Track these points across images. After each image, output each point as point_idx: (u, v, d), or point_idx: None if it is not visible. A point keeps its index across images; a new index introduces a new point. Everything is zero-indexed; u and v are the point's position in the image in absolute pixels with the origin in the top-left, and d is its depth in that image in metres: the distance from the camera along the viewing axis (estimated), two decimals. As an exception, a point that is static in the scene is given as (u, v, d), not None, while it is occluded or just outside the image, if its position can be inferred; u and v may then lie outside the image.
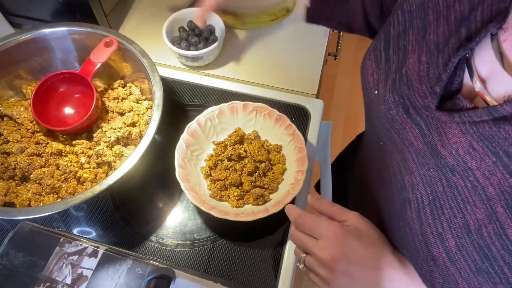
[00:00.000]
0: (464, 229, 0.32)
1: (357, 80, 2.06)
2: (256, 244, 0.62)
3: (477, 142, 0.32)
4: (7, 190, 0.60)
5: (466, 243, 0.32)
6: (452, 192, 0.34)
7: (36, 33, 0.68)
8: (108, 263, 0.47)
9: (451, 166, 0.34)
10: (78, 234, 0.63)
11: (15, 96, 0.71)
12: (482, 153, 0.32)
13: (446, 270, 0.34)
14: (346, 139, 1.89)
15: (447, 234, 0.34)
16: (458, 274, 0.33)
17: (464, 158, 0.33)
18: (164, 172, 0.67)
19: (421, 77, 0.38)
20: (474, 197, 0.32)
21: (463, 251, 0.32)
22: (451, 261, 0.33)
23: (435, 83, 0.36)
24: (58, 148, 0.65)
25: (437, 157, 0.35)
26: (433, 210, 0.35)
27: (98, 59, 0.67)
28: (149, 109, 0.70)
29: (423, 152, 0.37)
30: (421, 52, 0.39)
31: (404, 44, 0.41)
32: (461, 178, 0.33)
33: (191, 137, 0.65)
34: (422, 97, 0.37)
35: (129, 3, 0.93)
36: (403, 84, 0.40)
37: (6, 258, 0.47)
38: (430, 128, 0.36)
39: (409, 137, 0.39)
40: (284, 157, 0.66)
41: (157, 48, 0.84)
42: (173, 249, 0.61)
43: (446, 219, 0.34)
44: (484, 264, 0.31)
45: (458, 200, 0.33)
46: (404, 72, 0.40)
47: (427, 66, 0.38)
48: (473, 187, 0.32)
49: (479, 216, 0.32)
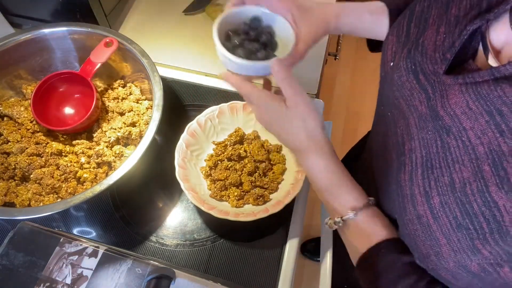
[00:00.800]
0: (449, 187, 0.34)
1: (357, 80, 2.07)
2: (256, 244, 0.62)
3: (473, 102, 0.33)
4: (7, 190, 0.60)
5: (450, 200, 0.33)
6: (444, 152, 0.35)
7: (36, 33, 0.68)
8: (108, 263, 0.47)
9: (447, 127, 0.35)
10: (78, 234, 0.63)
11: (15, 96, 0.71)
12: (477, 113, 0.33)
13: (429, 227, 0.35)
14: (346, 139, 1.89)
15: (433, 192, 0.35)
16: (440, 230, 0.34)
17: (460, 118, 0.34)
18: (164, 172, 0.67)
19: (437, 46, 0.39)
20: (463, 157, 0.33)
21: (446, 207, 0.34)
22: (434, 218, 0.34)
23: (448, 50, 0.37)
24: (58, 148, 0.65)
25: (436, 119, 0.36)
26: (424, 170, 0.36)
27: (98, 59, 0.67)
28: (149, 109, 0.70)
29: (425, 115, 0.38)
30: (441, 24, 0.40)
31: (426, 18, 0.42)
32: (454, 138, 0.34)
33: (191, 137, 0.65)
34: (433, 64, 0.38)
35: (129, 3, 0.93)
36: (417, 53, 0.41)
37: (6, 258, 0.47)
38: (435, 92, 0.37)
39: (415, 103, 0.40)
40: (284, 157, 0.66)
41: (157, 48, 0.84)
42: (173, 249, 0.61)
43: (434, 177, 0.35)
44: (464, 221, 0.32)
45: (448, 160, 0.34)
46: (421, 41, 0.41)
47: (444, 36, 0.39)
48: (464, 147, 0.33)
49: (465, 174, 0.33)
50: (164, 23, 0.89)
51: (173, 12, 0.91)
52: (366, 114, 1.95)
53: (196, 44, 0.86)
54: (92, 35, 0.69)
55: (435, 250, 0.35)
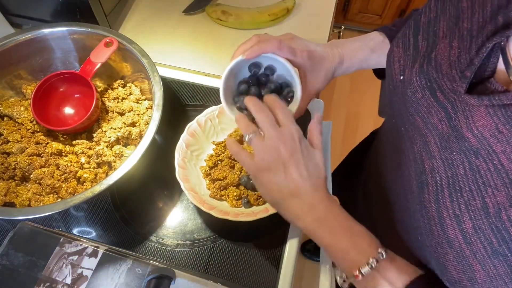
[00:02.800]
0: (482, 211, 0.32)
1: (357, 80, 2.07)
2: (256, 244, 0.62)
3: (503, 125, 0.32)
4: (7, 190, 0.60)
5: (484, 225, 0.32)
6: (474, 175, 0.34)
7: (36, 33, 0.68)
8: (108, 263, 0.47)
9: (475, 149, 0.34)
10: (78, 234, 0.63)
11: (15, 96, 0.71)
12: (508, 136, 0.32)
13: (461, 252, 0.34)
14: (346, 139, 1.89)
15: (464, 216, 0.34)
16: (473, 256, 0.33)
17: (489, 141, 0.33)
18: (164, 172, 0.66)
19: (451, 62, 0.38)
20: (496, 180, 0.32)
21: (480, 233, 0.32)
22: (466, 243, 0.33)
23: (466, 67, 0.36)
24: (58, 148, 0.65)
25: (461, 140, 0.35)
26: (452, 192, 0.35)
27: (98, 59, 0.67)
28: (149, 109, 0.70)
29: (447, 135, 0.37)
30: (453, 37, 0.39)
31: (435, 30, 0.41)
32: (484, 161, 0.33)
33: (191, 137, 0.65)
34: (451, 81, 0.37)
35: (129, 3, 0.93)
36: (431, 68, 0.40)
37: (6, 258, 0.47)
38: (457, 111, 0.36)
39: (434, 121, 0.39)
40: None
41: (157, 48, 0.84)
42: (173, 249, 0.61)
43: (465, 201, 0.34)
44: (501, 247, 0.31)
45: (479, 183, 0.33)
46: (433, 56, 0.40)
47: (458, 51, 0.38)
48: (496, 170, 0.32)
49: (499, 199, 0.32)
50: (164, 23, 0.89)
51: (173, 12, 0.91)
52: (366, 115, 1.95)
53: (196, 44, 0.86)
54: (92, 35, 0.69)
55: (468, 276, 0.33)
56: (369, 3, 1.99)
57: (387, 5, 1.96)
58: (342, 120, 1.95)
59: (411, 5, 1.92)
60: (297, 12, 0.91)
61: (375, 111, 1.93)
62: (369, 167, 0.70)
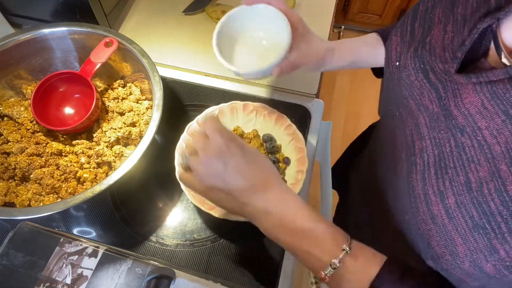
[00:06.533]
0: (465, 187, 0.33)
1: (357, 80, 2.07)
2: (256, 244, 0.62)
3: (489, 101, 0.33)
4: (7, 190, 0.60)
5: (466, 200, 0.33)
6: (459, 152, 0.34)
7: (36, 33, 0.68)
8: (108, 263, 0.47)
9: (461, 127, 0.34)
10: (78, 234, 0.63)
11: (15, 96, 0.71)
12: (493, 112, 0.32)
13: (444, 227, 0.34)
14: (346, 139, 1.89)
15: (448, 192, 0.34)
16: (455, 230, 0.34)
17: (474, 117, 0.33)
18: (164, 172, 0.66)
19: (445, 45, 0.39)
20: (479, 156, 0.33)
21: (462, 207, 0.33)
22: (449, 218, 0.34)
23: (458, 49, 0.37)
24: (58, 148, 0.65)
25: (449, 119, 0.36)
26: (437, 170, 0.36)
27: (98, 59, 0.67)
28: (149, 109, 0.70)
29: (437, 115, 0.37)
30: (448, 22, 0.39)
31: (431, 17, 0.42)
32: (469, 138, 0.34)
33: (191, 137, 0.65)
34: (443, 63, 0.38)
35: (129, 3, 0.93)
36: (425, 51, 0.40)
37: (6, 258, 0.47)
38: (447, 91, 0.37)
39: (425, 102, 0.39)
40: (284, 157, 0.66)
41: (157, 48, 0.84)
42: (173, 249, 0.61)
43: (449, 177, 0.34)
44: (481, 220, 0.32)
45: (463, 159, 0.34)
46: (428, 40, 0.41)
47: (452, 35, 0.38)
48: (480, 146, 0.33)
49: (481, 174, 0.32)
50: (164, 23, 0.89)
51: (173, 12, 0.91)
52: (366, 114, 1.95)
53: (196, 44, 0.86)
54: (92, 35, 0.69)
55: (450, 250, 0.34)
56: (369, 3, 1.99)
57: (387, 5, 1.96)
58: (342, 120, 1.95)
59: (411, 5, 1.92)
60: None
61: (375, 111, 1.94)
62: (367, 157, 0.71)
